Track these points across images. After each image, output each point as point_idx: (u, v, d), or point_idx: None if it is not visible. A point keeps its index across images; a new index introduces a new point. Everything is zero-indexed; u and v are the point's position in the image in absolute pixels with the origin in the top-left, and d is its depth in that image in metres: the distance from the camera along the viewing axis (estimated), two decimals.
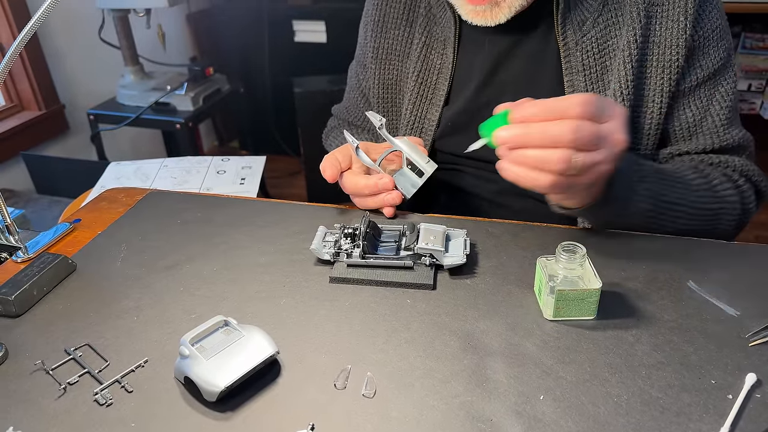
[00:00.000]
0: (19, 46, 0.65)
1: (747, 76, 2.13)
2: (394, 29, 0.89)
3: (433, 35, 0.86)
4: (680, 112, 0.80)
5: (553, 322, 0.58)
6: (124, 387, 0.52)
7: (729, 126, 0.80)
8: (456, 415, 0.49)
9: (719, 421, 0.47)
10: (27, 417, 0.50)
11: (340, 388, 0.51)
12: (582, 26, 0.78)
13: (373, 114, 0.76)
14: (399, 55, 0.89)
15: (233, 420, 0.49)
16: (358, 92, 0.99)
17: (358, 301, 0.62)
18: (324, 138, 1.07)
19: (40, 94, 2.00)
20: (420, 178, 0.76)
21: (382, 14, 0.89)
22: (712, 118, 0.79)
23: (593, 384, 0.51)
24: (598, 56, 0.78)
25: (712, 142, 0.80)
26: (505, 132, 0.58)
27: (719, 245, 0.70)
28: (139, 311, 0.61)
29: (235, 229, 0.75)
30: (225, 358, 0.51)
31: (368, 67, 0.93)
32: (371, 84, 0.93)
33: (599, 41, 0.78)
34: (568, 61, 0.79)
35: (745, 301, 0.60)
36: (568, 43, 0.78)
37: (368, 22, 0.91)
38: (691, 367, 0.53)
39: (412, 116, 0.88)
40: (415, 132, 0.89)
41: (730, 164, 0.79)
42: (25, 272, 0.64)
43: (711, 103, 0.79)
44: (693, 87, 0.78)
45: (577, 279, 0.58)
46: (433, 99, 0.87)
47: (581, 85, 0.78)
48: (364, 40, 0.93)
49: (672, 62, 0.76)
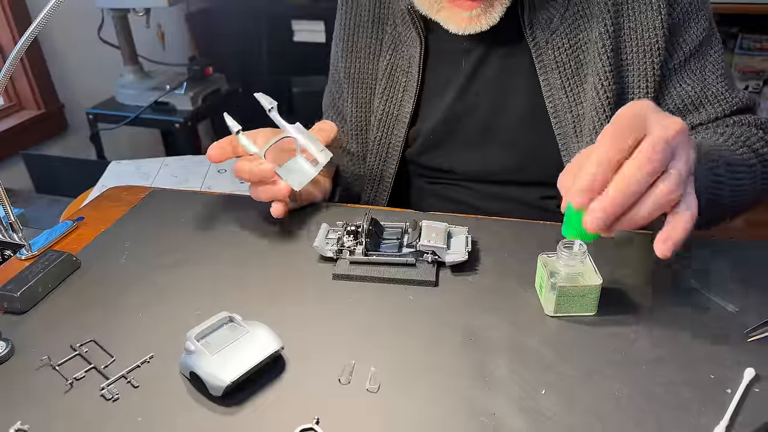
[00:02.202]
0: (19, 52, 0.65)
1: (744, 77, 2.14)
2: (365, 48, 0.90)
3: (399, 54, 0.87)
4: (677, 89, 0.79)
5: (554, 318, 0.59)
6: (130, 382, 0.53)
7: (731, 89, 0.80)
8: (459, 409, 0.49)
9: (718, 415, 0.48)
10: (34, 412, 0.50)
11: (345, 383, 0.52)
12: (550, 24, 0.78)
13: (262, 96, 0.73)
14: (370, 76, 0.90)
15: (239, 414, 0.49)
16: (333, 110, 1.00)
17: (360, 298, 0.63)
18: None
19: (39, 94, 2.00)
20: (313, 169, 0.72)
21: (351, 35, 0.90)
22: (713, 86, 0.79)
23: (594, 379, 0.52)
24: (570, 52, 0.78)
25: (722, 109, 0.79)
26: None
27: (718, 242, 0.70)
28: (143, 308, 0.62)
29: (238, 226, 0.76)
30: (230, 353, 0.51)
31: (343, 88, 0.94)
32: (347, 104, 0.94)
33: (569, 36, 0.78)
34: (540, 60, 0.79)
35: (744, 298, 0.61)
36: (538, 42, 0.79)
37: (338, 44, 0.92)
38: (691, 362, 0.53)
39: (379, 132, 0.90)
40: (383, 149, 0.90)
41: (745, 121, 0.78)
42: (30, 269, 0.65)
43: (705, 73, 0.79)
44: (683, 62, 0.78)
45: (578, 275, 0.58)
46: (398, 116, 0.88)
47: (557, 82, 0.79)
48: (336, 64, 0.94)
49: (652, 45, 0.76)
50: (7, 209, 0.72)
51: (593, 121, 0.78)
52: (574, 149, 0.80)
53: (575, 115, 0.79)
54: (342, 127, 0.98)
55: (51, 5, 0.65)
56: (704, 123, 0.80)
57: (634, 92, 0.78)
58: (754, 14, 1.99)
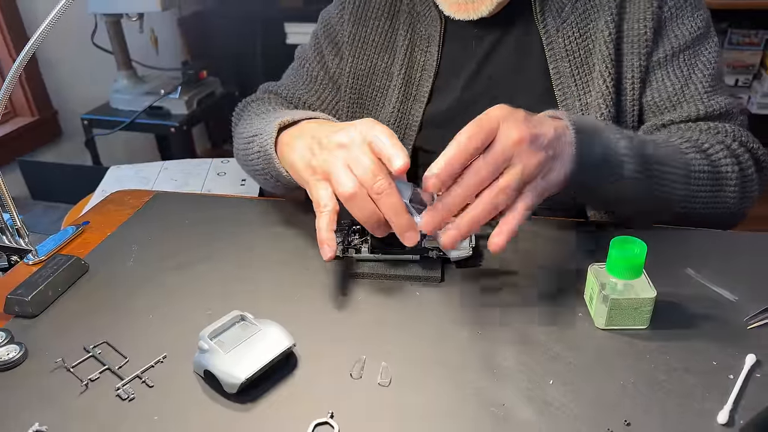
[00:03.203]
0: (17, 71, 0.66)
1: (734, 71, 2.16)
2: (374, 20, 0.89)
3: (416, 32, 0.87)
4: (660, 83, 0.80)
5: (558, 312, 0.60)
6: (144, 382, 0.53)
7: (713, 93, 0.79)
8: (470, 400, 0.50)
9: (722, 400, 0.49)
10: (51, 413, 0.51)
11: (356, 378, 0.53)
12: (561, 12, 0.80)
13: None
14: (376, 48, 0.90)
15: (254, 410, 0.50)
16: (303, 71, 0.95)
17: (368, 295, 0.64)
18: (239, 111, 0.95)
19: (32, 100, 2.00)
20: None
21: (363, 2, 0.89)
22: (695, 86, 0.79)
23: (599, 368, 0.53)
24: (580, 40, 0.80)
25: (697, 109, 0.78)
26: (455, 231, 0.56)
27: (715, 234, 0.72)
28: (153, 309, 0.63)
29: (243, 228, 0.77)
30: (244, 351, 0.52)
31: (343, 53, 0.92)
32: (344, 71, 0.92)
33: (579, 26, 0.80)
34: (551, 49, 0.81)
35: (742, 287, 0.62)
36: (549, 31, 0.80)
37: (346, 7, 0.90)
38: (694, 349, 0.55)
39: (399, 113, 0.89)
40: (400, 128, 0.90)
41: (720, 130, 0.77)
42: (39, 273, 0.65)
43: (693, 72, 0.79)
44: (669, 57, 0.79)
45: (630, 287, 0.57)
46: (417, 96, 0.88)
47: (567, 71, 0.80)
48: (339, 25, 0.92)
49: (640, 36, 0.78)
50: (13, 215, 0.73)
51: (600, 108, 0.79)
52: None
53: (583, 103, 0.80)
54: (311, 88, 0.95)
55: (48, 21, 0.65)
56: (675, 122, 0.80)
57: (627, 80, 0.80)
58: (744, 9, 2.02)
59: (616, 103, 0.80)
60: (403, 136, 0.90)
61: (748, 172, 0.75)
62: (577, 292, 0.62)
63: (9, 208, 0.71)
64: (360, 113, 0.93)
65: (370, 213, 0.58)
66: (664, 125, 0.80)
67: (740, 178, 0.74)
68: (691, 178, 0.70)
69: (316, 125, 0.67)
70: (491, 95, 0.85)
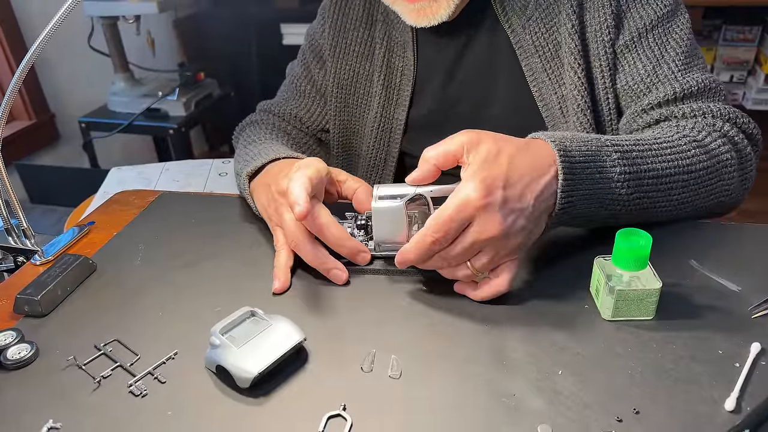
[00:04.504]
0: (17, 83, 0.66)
1: (729, 67, 2.18)
2: (353, 30, 0.91)
3: (392, 39, 0.89)
4: (631, 67, 0.78)
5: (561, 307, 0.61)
6: (156, 378, 0.54)
7: (688, 70, 0.77)
8: (481, 391, 0.51)
9: (729, 387, 0.50)
10: (64, 410, 0.51)
11: (367, 371, 0.54)
12: (525, 10, 0.81)
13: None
14: (357, 56, 0.92)
15: (267, 404, 0.51)
16: (293, 87, 0.98)
17: (375, 289, 0.64)
18: (237, 134, 0.99)
19: (30, 104, 2.00)
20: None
21: (341, 14, 0.92)
22: (668, 65, 0.77)
23: (607, 358, 0.54)
24: (547, 35, 0.80)
25: (672, 88, 0.75)
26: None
27: (718, 227, 0.73)
28: (162, 307, 0.63)
29: (249, 226, 0.77)
30: (255, 345, 0.52)
31: (326, 64, 0.94)
32: (329, 81, 0.94)
33: (545, 21, 0.80)
34: (520, 46, 0.81)
35: (745, 278, 0.63)
36: (515, 29, 0.81)
37: (326, 20, 0.93)
38: (699, 339, 0.55)
39: (382, 117, 0.91)
40: (385, 132, 0.91)
41: (707, 112, 0.74)
42: (48, 273, 0.65)
43: (665, 51, 0.77)
44: (637, 39, 0.77)
45: (635, 279, 0.57)
46: (398, 100, 0.90)
47: (538, 66, 0.81)
48: (321, 38, 0.95)
49: (602, 24, 0.78)
50: (20, 216, 0.73)
51: (576, 100, 0.79)
52: (562, 130, 0.82)
53: (560, 96, 0.81)
54: (304, 103, 0.97)
55: (48, 30, 0.66)
56: (654, 105, 0.77)
57: (595, 71, 0.79)
58: (738, 6, 2.04)
59: (590, 93, 0.80)
60: (388, 140, 0.92)
61: (746, 152, 0.73)
62: (582, 284, 0.63)
63: (16, 209, 0.72)
64: (347, 120, 0.96)
65: (312, 258, 0.65)
66: (644, 111, 0.77)
67: (738, 161, 0.72)
68: (691, 179, 0.68)
69: (277, 169, 0.72)
70: (468, 97, 0.87)
